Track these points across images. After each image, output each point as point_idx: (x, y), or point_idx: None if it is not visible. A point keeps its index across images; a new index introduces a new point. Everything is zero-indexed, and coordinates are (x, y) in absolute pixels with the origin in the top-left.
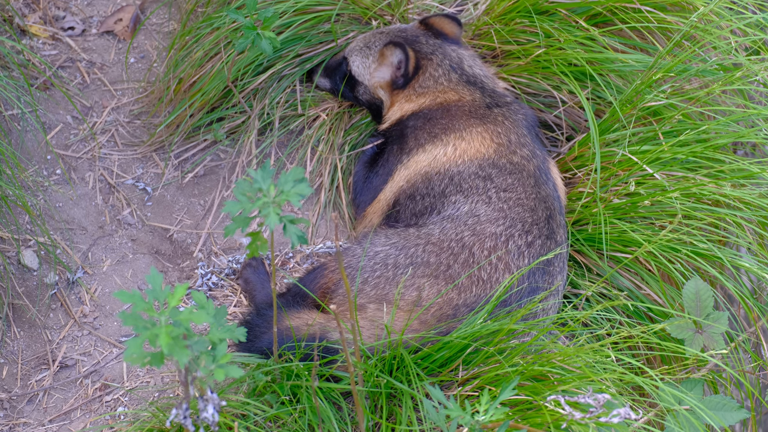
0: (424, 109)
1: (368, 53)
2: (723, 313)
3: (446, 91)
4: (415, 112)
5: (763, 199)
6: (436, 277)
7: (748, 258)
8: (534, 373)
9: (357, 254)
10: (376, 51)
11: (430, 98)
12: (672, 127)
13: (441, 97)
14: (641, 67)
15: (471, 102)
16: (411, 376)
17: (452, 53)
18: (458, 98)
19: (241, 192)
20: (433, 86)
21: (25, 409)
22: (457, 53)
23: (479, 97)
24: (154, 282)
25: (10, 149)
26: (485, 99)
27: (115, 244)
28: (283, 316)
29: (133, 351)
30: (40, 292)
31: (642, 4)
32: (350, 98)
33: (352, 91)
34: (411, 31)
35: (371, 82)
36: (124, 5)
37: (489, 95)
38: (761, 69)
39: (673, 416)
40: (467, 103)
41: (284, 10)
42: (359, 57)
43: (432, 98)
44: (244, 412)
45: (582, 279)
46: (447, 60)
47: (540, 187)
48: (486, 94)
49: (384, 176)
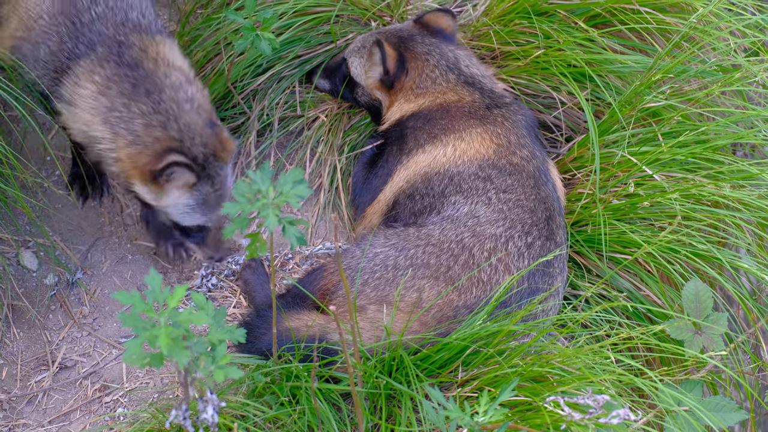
0: (423, 110)
1: (363, 53)
2: (722, 314)
3: (445, 92)
4: (414, 113)
5: (763, 200)
6: (436, 279)
7: (748, 259)
8: (533, 374)
9: (356, 255)
10: (368, 48)
11: (430, 99)
12: (671, 128)
13: (440, 98)
14: (640, 68)
15: (471, 103)
16: (410, 377)
17: (449, 53)
18: (458, 99)
19: (240, 193)
20: (431, 87)
21: (25, 410)
22: (454, 53)
23: (479, 98)
24: (154, 283)
25: (9, 150)
26: (485, 100)
27: (115, 245)
28: (282, 318)
29: (133, 352)
30: (39, 293)
31: (641, 5)
32: (350, 99)
33: (351, 92)
34: (407, 30)
35: (367, 82)
36: None
37: (488, 96)
38: (760, 70)
39: (673, 417)
40: (467, 104)
41: (284, 12)
42: (356, 58)
43: (431, 99)
44: (243, 413)
45: (581, 280)
46: (444, 60)
47: (539, 188)
48: (485, 95)
49: (383, 177)
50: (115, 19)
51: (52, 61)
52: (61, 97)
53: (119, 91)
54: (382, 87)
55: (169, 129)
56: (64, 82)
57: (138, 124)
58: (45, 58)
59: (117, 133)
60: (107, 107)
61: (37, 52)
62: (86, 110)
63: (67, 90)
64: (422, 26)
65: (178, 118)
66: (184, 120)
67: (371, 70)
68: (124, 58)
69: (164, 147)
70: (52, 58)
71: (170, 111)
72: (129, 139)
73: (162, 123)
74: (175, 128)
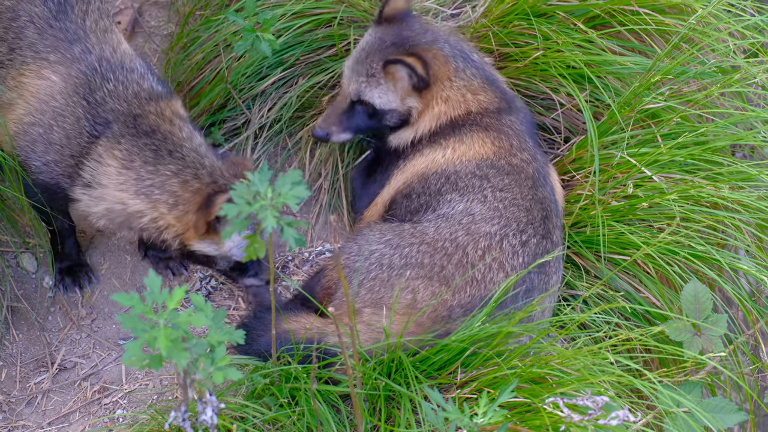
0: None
1: (376, 81)
2: (721, 315)
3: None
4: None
5: (762, 201)
6: (430, 279)
7: (747, 260)
8: (532, 375)
9: (353, 252)
10: (381, 73)
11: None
12: (670, 130)
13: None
14: (639, 70)
15: (487, 106)
16: (409, 378)
17: (451, 40)
18: (485, 100)
19: (238, 195)
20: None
21: (24, 411)
22: (457, 42)
23: (495, 100)
24: (153, 285)
25: (8, 152)
26: (500, 103)
27: (114, 247)
28: (281, 320)
29: (132, 353)
30: (38, 295)
31: (640, 6)
32: (373, 131)
33: (380, 122)
34: (387, 34)
35: (401, 100)
36: (122, 8)
37: (500, 96)
38: (759, 71)
39: (672, 419)
40: (483, 109)
41: (283, 13)
42: (373, 89)
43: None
44: (242, 415)
45: (580, 281)
46: (450, 47)
47: (537, 189)
48: (497, 95)
49: (381, 182)
50: (127, 93)
51: (69, 145)
52: (81, 182)
53: (143, 161)
54: (414, 92)
55: (202, 177)
56: (86, 164)
57: (173, 185)
58: (60, 141)
59: (156, 201)
60: (135, 179)
61: (51, 136)
62: (115, 187)
63: (89, 172)
64: (388, 22)
65: (203, 164)
66: (208, 163)
67: (398, 89)
68: (141, 128)
69: (207, 194)
70: (69, 142)
71: (195, 160)
72: (171, 202)
73: (194, 174)
74: (206, 173)
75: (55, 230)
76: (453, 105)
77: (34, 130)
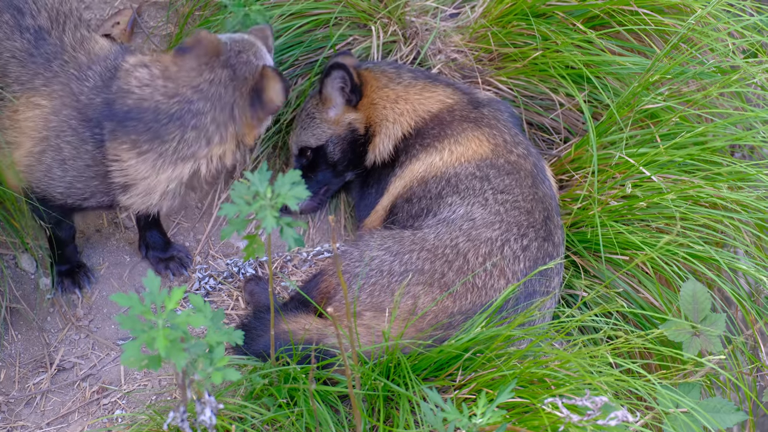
0: (417, 125)
1: (309, 120)
2: (720, 315)
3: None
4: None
5: (761, 201)
6: (430, 285)
7: (746, 260)
8: (531, 376)
9: (354, 258)
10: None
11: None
12: (669, 130)
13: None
14: (638, 70)
15: (458, 102)
16: (408, 379)
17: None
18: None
19: (238, 195)
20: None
21: (23, 412)
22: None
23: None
24: (152, 285)
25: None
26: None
27: (113, 247)
28: (280, 320)
29: (131, 354)
30: (38, 295)
31: (639, 6)
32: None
33: (334, 168)
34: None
35: (336, 120)
36: (121, 9)
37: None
38: (759, 71)
39: (671, 419)
40: (455, 106)
41: (281, 13)
42: (307, 130)
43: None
44: (241, 415)
45: (578, 279)
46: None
47: (537, 187)
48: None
49: (379, 191)
50: (106, 81)
51: (80, 157)
52: (117, 189)
53: (149, 138)
54: (350, 108)
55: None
56: (111, 169)
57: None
58: (72, 155)
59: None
60: (160, 153)
61: (63, 154)
62: (152, 173)
63: (117, 174)
64: None
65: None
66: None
67: (329, 110)
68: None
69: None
70: (79, 153)
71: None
72: (215, 139)
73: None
74: None
75: (56, 237)
76: (410, 105)
77: (46, 156)
